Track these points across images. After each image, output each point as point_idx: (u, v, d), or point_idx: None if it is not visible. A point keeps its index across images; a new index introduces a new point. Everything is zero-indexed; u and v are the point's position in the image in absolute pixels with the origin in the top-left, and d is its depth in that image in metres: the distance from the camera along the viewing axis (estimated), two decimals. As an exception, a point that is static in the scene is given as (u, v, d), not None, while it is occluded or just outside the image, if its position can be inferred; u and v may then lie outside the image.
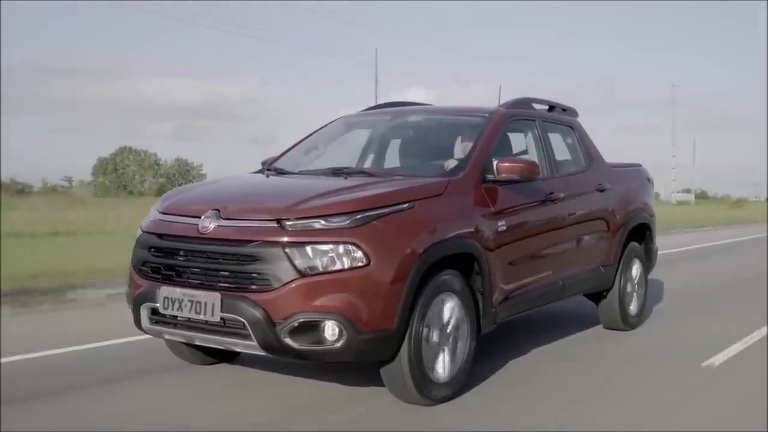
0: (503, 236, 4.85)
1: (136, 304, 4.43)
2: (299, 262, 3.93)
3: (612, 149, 6.54)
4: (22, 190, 35.60)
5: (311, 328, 3.94)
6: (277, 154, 5.87)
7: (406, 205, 4.27)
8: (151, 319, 4.40)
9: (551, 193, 5.50)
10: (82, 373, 5.03)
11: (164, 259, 4.35)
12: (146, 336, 4.72)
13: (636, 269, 6.75)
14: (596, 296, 6.50)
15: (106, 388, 4.66)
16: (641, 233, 6.91)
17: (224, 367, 5.14)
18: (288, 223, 4.05)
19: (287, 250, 3.96)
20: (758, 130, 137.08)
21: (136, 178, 66.96)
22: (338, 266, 3.95)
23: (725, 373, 5.24)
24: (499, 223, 4.84)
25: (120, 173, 67.18)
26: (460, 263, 4.54)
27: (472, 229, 4.60)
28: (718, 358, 5.57)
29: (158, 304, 4.27)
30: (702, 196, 77.18)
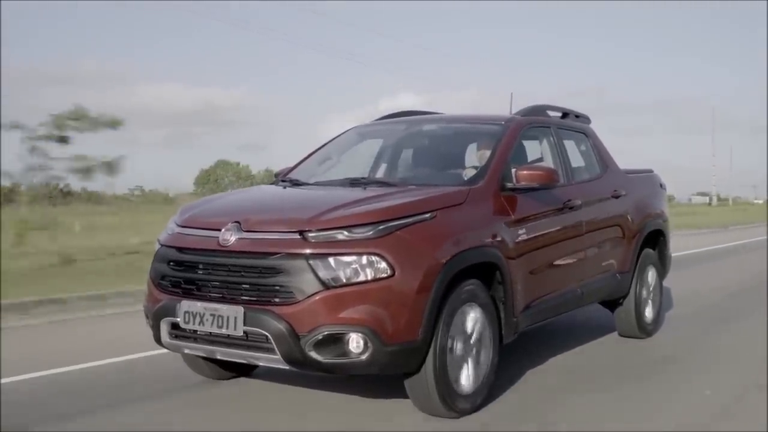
0: (524, 244, 4.81)
1: (155, 318, 4.37)
2: (323, 274, 3.89)
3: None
4: (98, 201, 35.14)
5: (336, 340, 3.89)
6: (266, 158, 5.85)
7: (428, 215, 4.23)
8: (171, 334, 4.34)
9: (569, 200, 5.46)
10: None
11: (184, 273, 4.30)
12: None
13: (651, 276, 6.71)
14: (611, 304, 6.46)
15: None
16: (655, 239, 6.87)
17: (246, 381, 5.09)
18: (311, 234, 4.01)
19: (311, 261, 3.91)
20: (757, 131, 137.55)
21: (235, 186, 70.80)
22: (362, 277, 3.91)
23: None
24: (520, 232, 4.80)
25: (218, 183, 71.75)
26: (482, 272, 4.49)
27: (494, 238, 4.56)
28: None
29: (179, 319, 4.21)
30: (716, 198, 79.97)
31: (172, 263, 4.37)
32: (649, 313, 6.65)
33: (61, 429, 4.18)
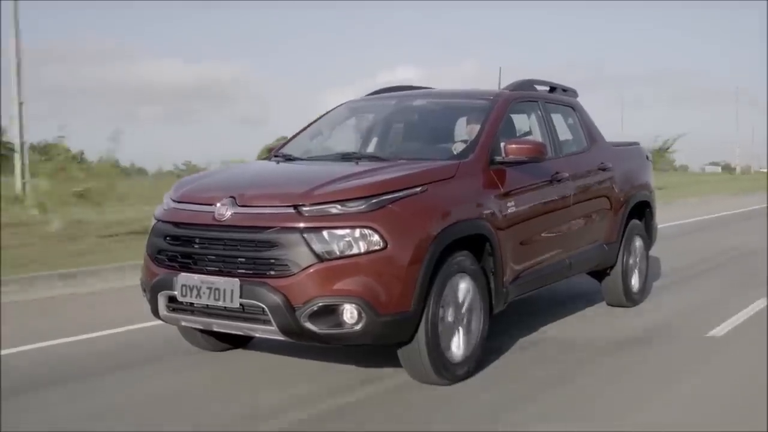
0: (513, 217, 4.92)
1: (153, 292, 4.46)
2: (317, 247, 3.99)
3: (605, 124, 6.60)
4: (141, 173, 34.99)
5: (331, 311, 4.00)
6: (265, 133, 5.92)
7: (419, 189, 4.33)
8: (168, 307, 4.44)
9: (557, 173, 5.56)
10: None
11: (181, 247, 4.39)
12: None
13: (638, 246, 6.83)
14: (599, 274, 6.58)
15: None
16: (641, 210, 6.99)
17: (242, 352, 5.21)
18: (305, 208, 4.10)
19: (305, 235, 4.01)
20: (753, 102, 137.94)
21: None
22: (356, 250, 4.01)
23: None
24: (509, 204, 4.91)
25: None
26: (473, 244, 4.60)
27: (484, 211, 4.67)
28: None
29: (176, 292, 4.31)
30: (726, 167, 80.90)
31: (168, 238, 4.46)
32: (635, 282, 6.78)
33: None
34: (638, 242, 6.84)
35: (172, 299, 4.39)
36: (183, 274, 4.30)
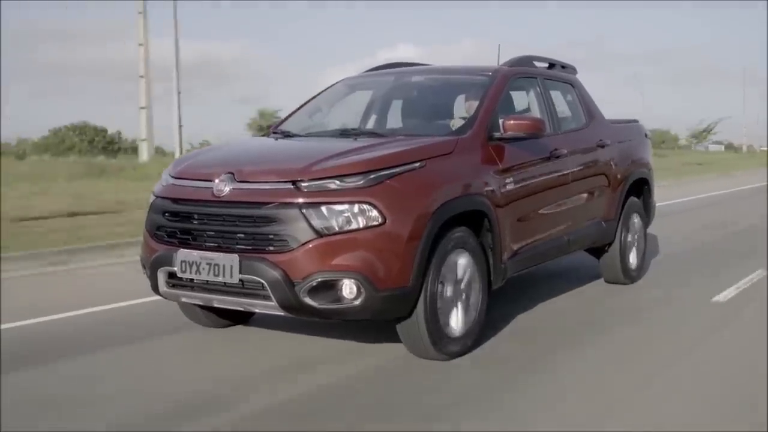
0: (511, 193, 4.93)
1: (152, 268, 4.47)
2: (316, 223, 3.99)
3: (604, 102, 6.57)
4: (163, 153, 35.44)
5: (330, 287, 4.02)
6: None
7: (418, 164, 4.33)
8: (168, 283, 4.45)
9: (555, 149, 5.56)
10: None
11: (180, 223, 4.40)
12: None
13: (636, 223, 6.85)
14: (597, 251, 6.60)
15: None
16: (640, 188, 7.00)
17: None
18: (303, 184, 4.10)
19: (304, 210, 4.02)
20: (756, 81, 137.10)
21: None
22: (354, 225, 4.02)
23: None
24: (507, 180, 4.91)
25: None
26: (471, 220, 4.61)
27: (482, 187, 4.67)
28: None
29: (175, 268, 4.32)
30: (730, 146, 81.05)
31: (167, 214, 4.46)
32: (633, 259, 6.80)
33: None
34: (636, 219, 6.86)
35: (171, 275, 4.40)
36: (182, 250, 4.31)
